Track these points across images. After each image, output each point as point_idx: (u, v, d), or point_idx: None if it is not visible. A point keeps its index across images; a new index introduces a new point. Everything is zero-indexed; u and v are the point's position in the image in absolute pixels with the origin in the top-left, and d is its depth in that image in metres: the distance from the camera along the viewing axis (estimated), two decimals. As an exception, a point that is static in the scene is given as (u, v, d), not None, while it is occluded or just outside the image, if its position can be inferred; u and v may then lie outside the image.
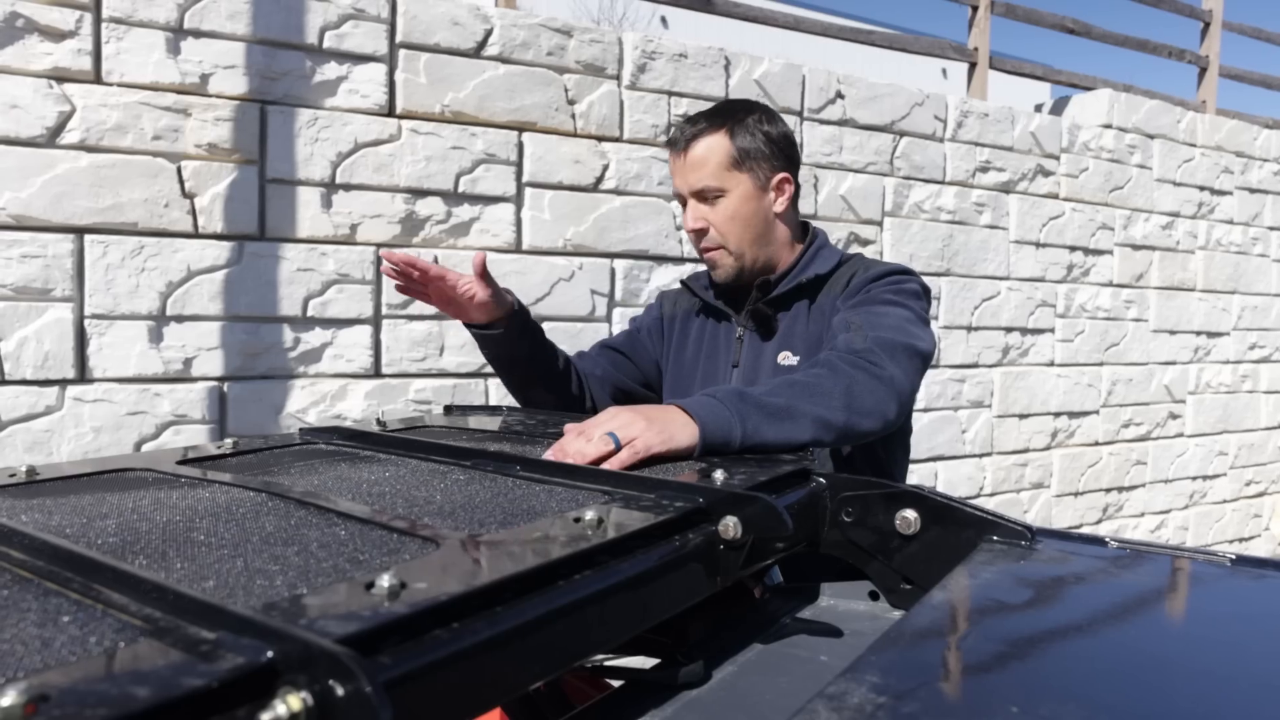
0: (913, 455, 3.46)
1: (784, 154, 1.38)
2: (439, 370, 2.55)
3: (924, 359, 1.19)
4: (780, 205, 1.39)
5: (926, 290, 1.33)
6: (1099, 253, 3.99)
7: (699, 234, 1.37)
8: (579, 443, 0.90)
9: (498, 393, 2.63)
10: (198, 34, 2.21)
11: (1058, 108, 4.22)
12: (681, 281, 1.54)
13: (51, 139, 2.07)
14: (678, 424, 0.95)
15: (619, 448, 0.90)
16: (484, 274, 1.28)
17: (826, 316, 1.33)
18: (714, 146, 1.34)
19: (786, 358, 1.35)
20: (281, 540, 0.61)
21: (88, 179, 2.10)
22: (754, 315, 1.39)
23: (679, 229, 2.92)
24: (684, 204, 1.40)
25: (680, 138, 1.37)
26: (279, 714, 0.38)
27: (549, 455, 0.90)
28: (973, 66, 3.85)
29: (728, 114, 1.37)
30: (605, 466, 0.87)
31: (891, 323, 1.19)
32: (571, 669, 0.81)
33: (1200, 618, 0.66)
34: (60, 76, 2.07)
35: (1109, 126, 3.99)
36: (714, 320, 1.48)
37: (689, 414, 0.96)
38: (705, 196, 1.35)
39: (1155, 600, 0.69)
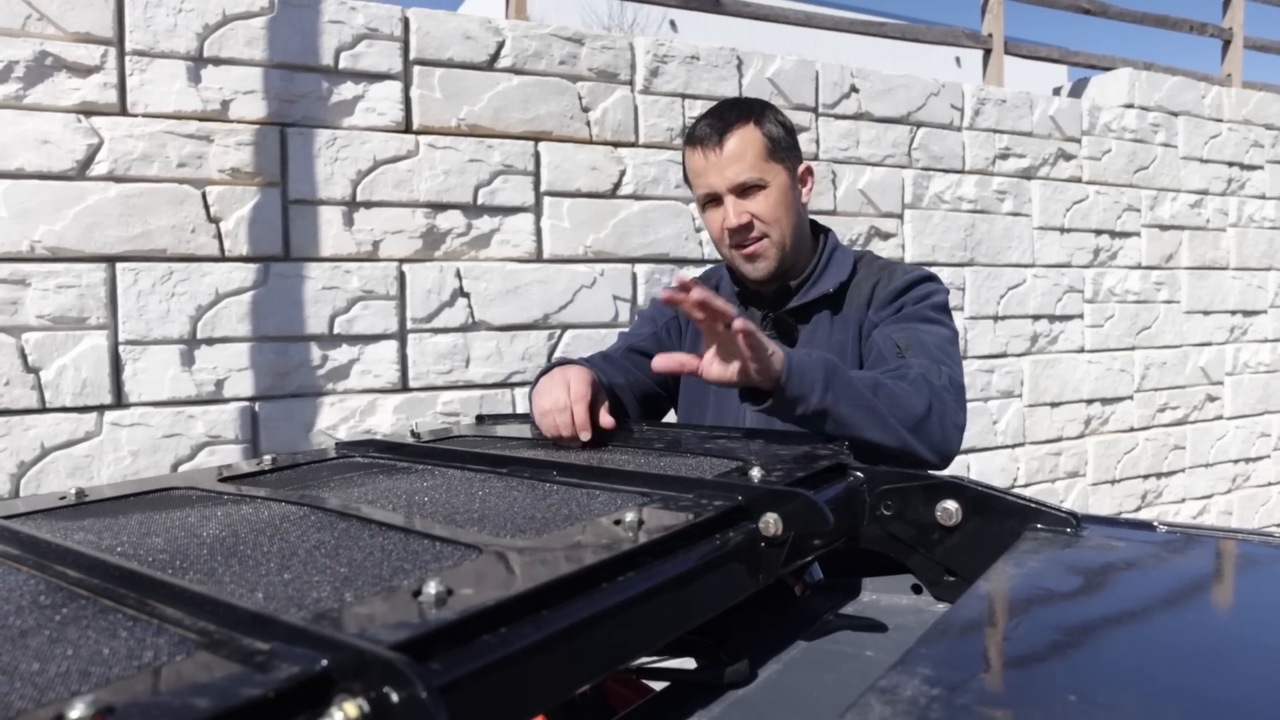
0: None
1: (798, 145, 1.36)
2: (465, 382, 2.57)
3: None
4: (806, 197, 1.37)
5: (948, 294, 1.36)
6: (1126, 235, 3.92)
7: (742, 230, 1.29)
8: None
9: (524, 402, 2.64)
10: (217, 61, 2.25)
11: (1077, 90, 4.16)
12: (699, 280, 1.47)
13: (81, 171, 2.11)
14: (775, 355, 0.98)
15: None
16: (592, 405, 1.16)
17: (852, 326, 1.31)
18: (748, 138, 1.29)
19: None
20: (326, 552, 0.61)
21: (117, 209, 2.14)
22: (776, 324, 1.34)
23: (699, 230, 2.91)
24: (714, 203, 1.31)
25: (709, 133, 1.29)
26: (336, 721, 0.38)
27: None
28: (988, 53, 3.81)
29: (744, 107, 1.33)
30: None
31: (935, 342, 1.22)
32: (617, 671, 0.81)
33: (1259, 600, 0.65)
34: (88, 110, 2.12)
35: (1131, 106, 3.93)
36: None
37: (785, 357, 1.00)
38: (745, 190, 1.29)
39: (1210, 583, 0.68)
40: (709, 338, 0.97)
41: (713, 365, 0.98)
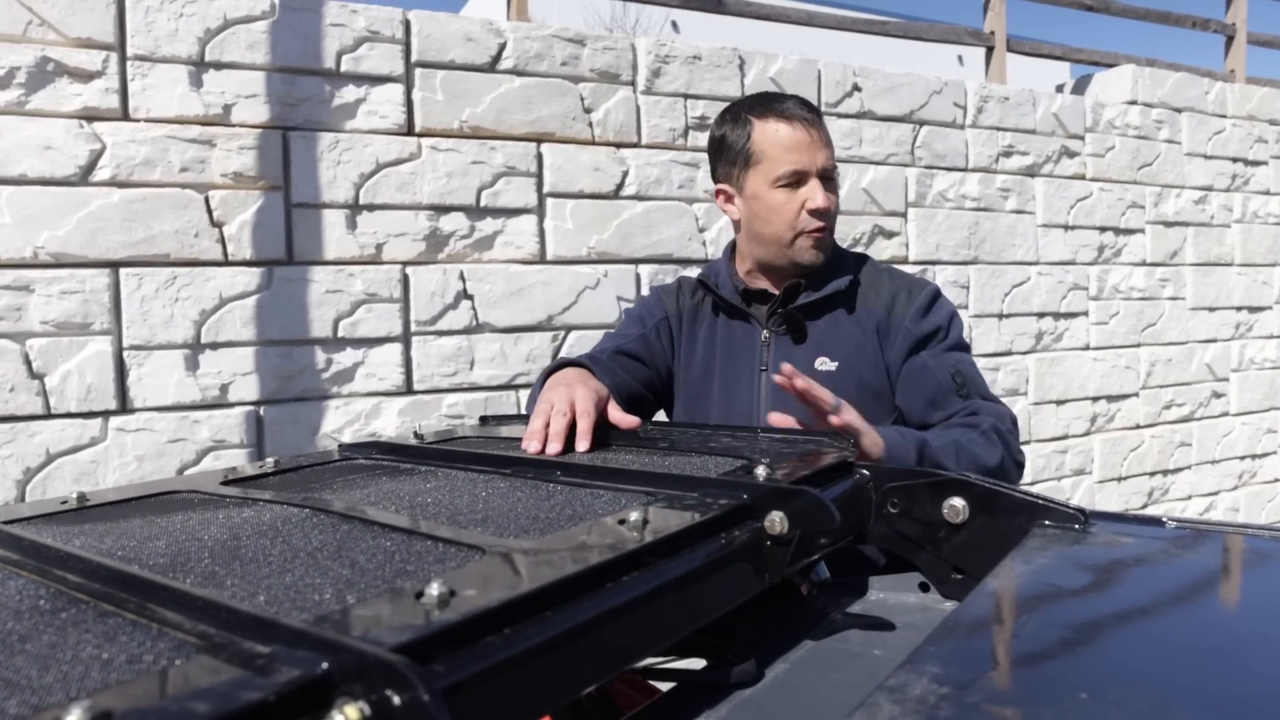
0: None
1: None
2: (470, 384, 2.56)
3: None
4: None
5: None
6: (1130, 232, 3.91)
7: (822, 213, 1.31)
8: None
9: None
10: (219, 66, 2.25)
11: (1080, 87, 4.14)
12: (698, 279, 1.48)
13: (84, 177, 2.12)
14: (873, 441, 1.09)
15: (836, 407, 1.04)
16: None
17: (869, 328, 1.35)
18: (828, 133, 1.35)
19: (824, 363, 1.34)
20: (328, 554, 0.61)
21: (120, 214, 2.14)
22: (788, 319, 1.36)
23: (701, 231, 2.91)
24: (798, 182, 1.31)
25: (805, 113, 1.32)
26: (338, 725, 0.38)
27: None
28: (990, 51, 3.80)
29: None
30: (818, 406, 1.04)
31: (976, 374, 1.33)
32: (623, 672, 0.80)
33: (1269, 595, 0.64)
34: (90, 116, 2.12)
35: (1134, 103, 3.91)
36: (730, 320, 1.43)
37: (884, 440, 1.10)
38: (828, 178, 1.33)
39: (1222, 579, 0.67)
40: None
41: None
